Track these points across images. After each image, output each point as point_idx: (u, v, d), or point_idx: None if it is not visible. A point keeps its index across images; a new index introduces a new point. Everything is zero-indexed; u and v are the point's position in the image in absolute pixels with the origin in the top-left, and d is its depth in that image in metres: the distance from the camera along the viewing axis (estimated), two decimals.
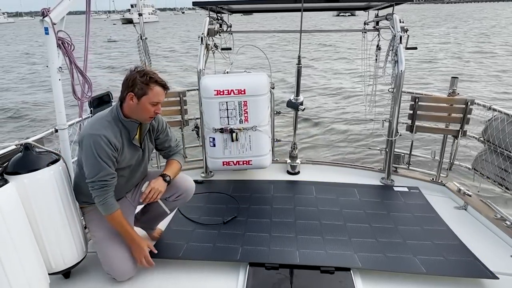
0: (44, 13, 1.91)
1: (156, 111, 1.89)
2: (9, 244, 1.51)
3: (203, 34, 3.02)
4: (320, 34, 27.18)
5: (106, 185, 1.83)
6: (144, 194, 1.92)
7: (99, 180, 1.81)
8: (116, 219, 1.91)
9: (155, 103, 1.86)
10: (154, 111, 1.88)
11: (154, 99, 1.84)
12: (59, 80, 2.04)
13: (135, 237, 1.96)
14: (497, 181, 2.57)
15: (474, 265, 2.03)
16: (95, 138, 1.78)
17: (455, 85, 2.91)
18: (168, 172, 2.05)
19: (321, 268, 1.99)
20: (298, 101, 3.09)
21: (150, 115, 1.89)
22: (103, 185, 1.82)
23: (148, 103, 1.84)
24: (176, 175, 2.11)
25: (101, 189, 1.82)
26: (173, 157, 2.20)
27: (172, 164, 2.14)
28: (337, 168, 3.46)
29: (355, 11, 5.00)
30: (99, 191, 1.83)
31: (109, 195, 1.85)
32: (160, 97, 1.87)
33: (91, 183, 1.82)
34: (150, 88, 1.82)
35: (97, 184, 1.82)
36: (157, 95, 1.85)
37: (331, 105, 9.96)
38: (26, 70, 18.49)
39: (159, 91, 1.85)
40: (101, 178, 1.81)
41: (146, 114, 1.88)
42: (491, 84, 11.99)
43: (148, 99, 1.83)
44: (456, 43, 23.06)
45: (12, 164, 1.70)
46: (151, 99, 1.84)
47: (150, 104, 1.85)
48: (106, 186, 1.83)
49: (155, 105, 1.87)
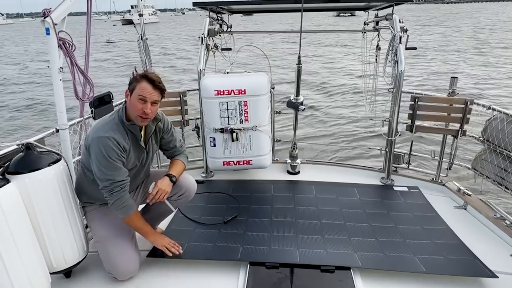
0: (45, 14, 1.92)
1: (144, 109, 1.81)
2: (10, 244, 1.52)
3: (203, 35, 3.03)
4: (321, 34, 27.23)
5: (124, 186, 1.84)
6: (151, 195, 1.92)
7: (116, 182, 1.81)
8: (135, 219, 1.94)
9: (142, 99, 1.80)
10: (142, 109, 1.81)
11: (139, 92, 1.80)
12: (60, 80, 2.05)
13: (152, 230, 2.03)
14: (496, 180, 2.58)
15: (474, 264, 2.04)
16: (104, 140, 1.77)
17: (454, 85, 2.92)
18: (173, 172, 2.06)
19: (321, 267, 2.00)
20: (298, 101, 3.10)
21: (138, 113, 1.82)
22: (121, 187, 1.83)
23: (136, 99, 1.81)
24: (180, 175, 2.13)
25: (120, 191, 1.83)
26: (177, 157, 2.21)
27: (177, 164, 2.15)
28: (337, 168, 3.47)
29: (355, 11, 5.01)
30: (119, 194, 1.82)
31: (127, 196, 1.87)
32: (146, 92, 1.80)
33: (108, 187, 1.80)
34: (138, 82, 1.82)
35: (116, 186, 1.81)
36: (142, 89, 1.80)
37: (330, 104, 9.98)
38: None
39: (145, 85, 1.81)
40: (118, 179, 1.81)
41: (135, 111, 1.83)
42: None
43: (135, 94, 1.81)
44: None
45: (13, 164, 1.70)
46: (137, 93, 1.81)
47: (138, 100, 1.81)
48: (125, 187, 1.84)
49: (143, 103, 1.81)
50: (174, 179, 2.03)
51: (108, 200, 1.86)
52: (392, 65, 2.87)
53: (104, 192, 1.83)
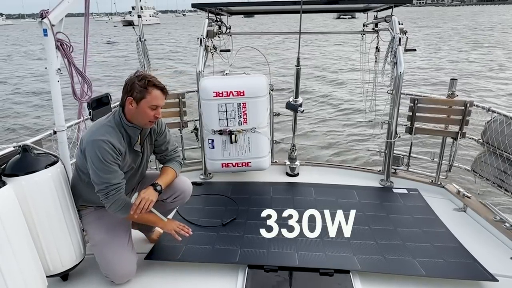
0: (43, 15, 1.91)
1: (156, 115, 1.86)
2: (6, 246, 1.50)
3: (202, 36, 3.02)
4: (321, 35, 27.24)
5: (120, 188, 1.83)
6: (135, 205, 1.82)
7: (112, 185, 1.79)
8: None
9: (154, 107, 1.84)
10: (154, 115, 1.86)
11: (153, 102, 1.82)
12: (57, 81, 2.04)
13: (158, 218, 1.98)
14: (496, 183, 2.57)
15: (474, 267, 2.02)
16: (99, 143, 1.76)
17: (454, 87, 2.90)
18: (160, 181, 1.97)
19: (320, 271, 1.98)
20: (297, 102, 3.09)
21: (150, 119, 1.86)
22: (117, 190, 1.81)
23: (147, 107, 1.82)
24: (168, 185, 2.04)
25: (116, 194, 1.81)
26: (169, 163, 2.14)
27: (166, 173, 2.07)
28: (336, 170, 3.45)
29: (355, 14, 5.01)
30: (115, 197, 1.81)
31: (123, 197, 1.85)
32: (159, 101, 1.85)
33: (104, 190, 1.79)
34: (149, 92, 1.81)
35: (111, 189, 1.79)
36: (155, 99, 1.83)
37: (330, 107, 9.97)
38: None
39: (157, 94, 1.83)
40: (114, 182, 1.80)
41: (145, 118, 1.85)
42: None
43: (146, 103, 1.82)
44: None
45: (10, 166, 1.69)
46: (149, 103, 1.82)
47: (149, 108, 1.83)
48: (120, 190, 1.83)
49: (155, 109, 1.85)
50: (159, 188, 1.93)
51: (104, 204, 1.84)
52: (391, 66, 2.86)
53: (100, 195, 1.81)
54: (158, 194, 1.92)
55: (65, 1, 2.00)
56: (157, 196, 1.92)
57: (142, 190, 1.90)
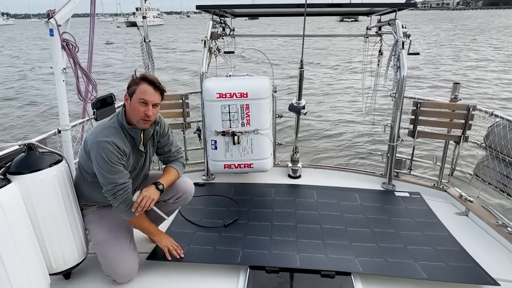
0: (49, 15, 1.93)
1: (146, 112, 1.81)
2: (10, 244, 1.52)
3: (206, 38, 3.04)
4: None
5: (127, 188, 1.84)
6: (136, 203, 1.82)
7: (119, 185, 1.81)
8: (140, 220, 1.94)
9: (143, 102, 1.80)
10: (145, 112, 1.80)
11: (140, 96, 1.80)
12: (63, 81, 2.06)
13: (157, 229, 2.05)
14: (498, 187, 2.56)
15: (475, 271, 2.02)
16: (103, 145, 1.77)
17: (457, 90, 2.91)
18: (162, 181, 1.98)
19: (322, 272, 1.99)
20: (300, 105, 3.10)
21: (141, 116, 1.82)
22: (124, 190, 1.82)
23: (137, 102, 1.80)
24: (170, 184, 2.05)
25: (124, 194, 1.83)
26: (172, 164, 2.15)
27: (169, 173, 2.08)
28: (338, 173, 3.45)
29: (358, 17, 5.03)
30: (122, 196, 1.83)
31: (131, 198, 1.86)
32: (147, 95, 1.80)
33: (111, 190, 1.80)
34: (138, 85, 1.81)
35: (119, 189, 1.81)
36: (144, 92, 1.80)
37: (333, 109, 9.97)
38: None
39: (146, 87, 1.81)
40: (121, 182, 1.81)
41: (137, 115, 1.82)
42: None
43: (136, 97, 1.81)
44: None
45: (15, 164, 1.71)
46: (138, 96, 1.80)
47: (139, 104, 1.80)
48: (128, 189, 1.84)
49: (145, 105, 1.81)
50: (161, 187, 1.94)
51: (112, 204, 1.86)
52: (394, 70, 2.87)
53: (108, 195, 1.83)
54: (160, 193, 1.93)
55: (71, 2, 2.03)
56: (159, 195, 1.93)
57: (144, 189, 1.91)
